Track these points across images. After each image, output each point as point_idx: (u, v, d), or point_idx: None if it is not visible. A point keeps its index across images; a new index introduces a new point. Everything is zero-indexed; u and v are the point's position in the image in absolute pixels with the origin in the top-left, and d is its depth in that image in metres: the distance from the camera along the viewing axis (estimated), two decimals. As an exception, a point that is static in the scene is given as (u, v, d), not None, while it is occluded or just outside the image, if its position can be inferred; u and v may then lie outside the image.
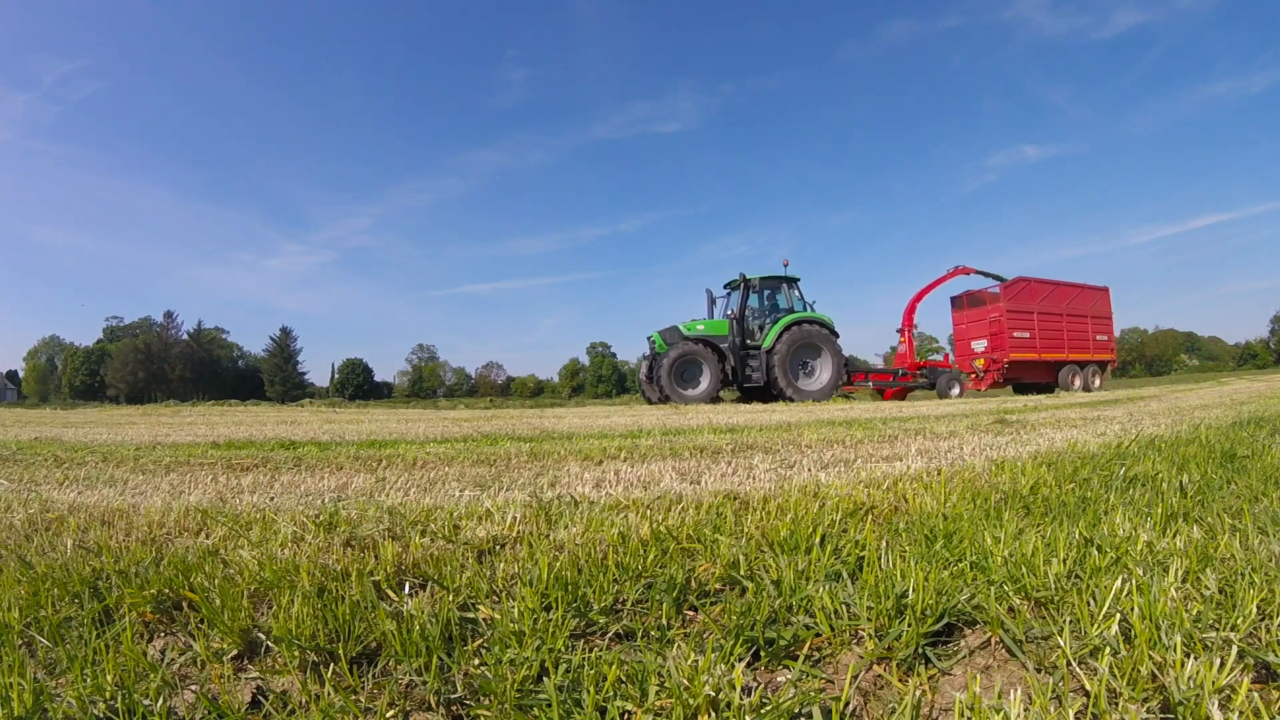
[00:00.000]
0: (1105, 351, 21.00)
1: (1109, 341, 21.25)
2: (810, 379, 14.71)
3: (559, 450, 3.87)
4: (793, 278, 15.39)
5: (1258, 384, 17.61)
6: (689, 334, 14.34)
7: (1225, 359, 76.42)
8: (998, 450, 3.55)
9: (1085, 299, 20.86)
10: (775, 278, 15.37)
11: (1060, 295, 20.15)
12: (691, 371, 14.25)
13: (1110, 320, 21.49)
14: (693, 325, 14.53)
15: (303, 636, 1.12)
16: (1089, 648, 1.03)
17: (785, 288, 15.34)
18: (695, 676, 0.94)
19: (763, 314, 15.18)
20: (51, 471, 3.31)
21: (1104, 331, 21.11)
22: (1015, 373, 19.27)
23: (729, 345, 14.43)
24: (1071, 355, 19.82)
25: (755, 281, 15.10)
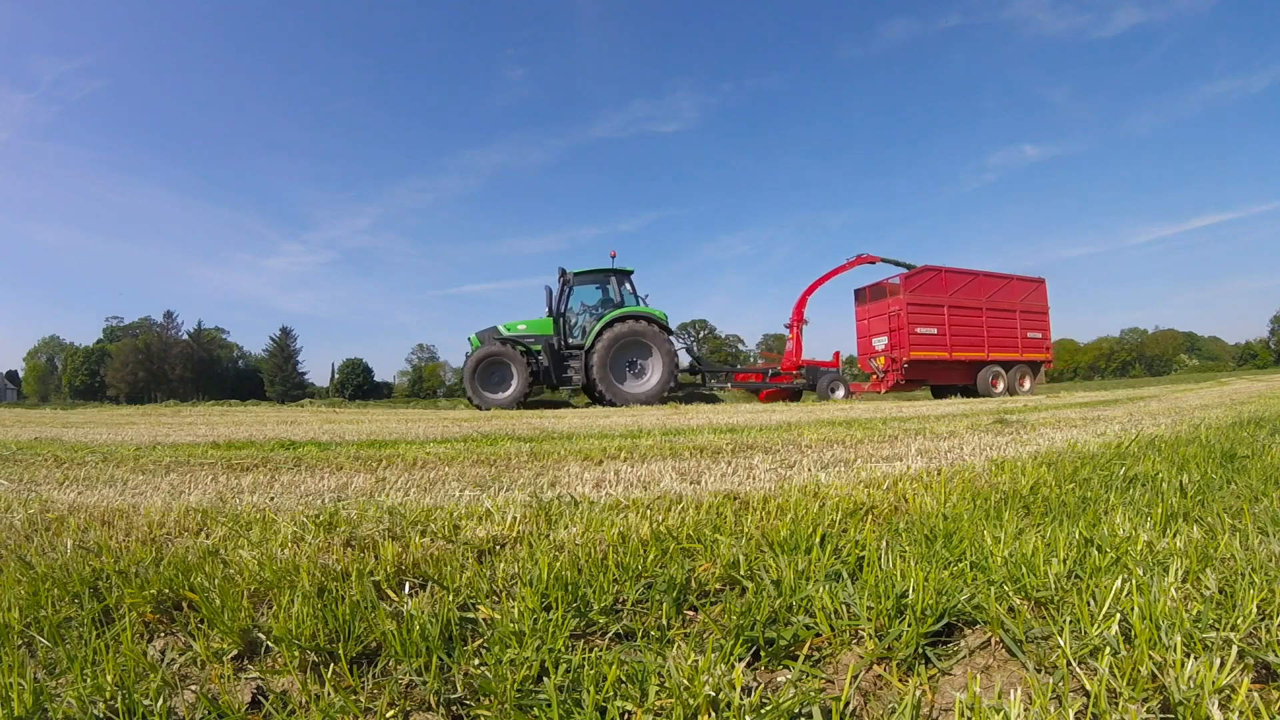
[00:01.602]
0: (1038, 351, 18.68)
1: (1043, 340, 18.82)
2: (640, 380, 13.48)
3: (559, 450, 3.87)
4: (623, 270, 14.14)
5: (1258, 384, 17.61)
6: (507, 334, 13.57)
7: (1225, 359, 76.44)
8: (998, 450, 3.55)
9: (1013, 292, 18.47)
10: (602, 271, 14.10)
11: (980, 287, 17.88)
12: (500, 374, 13.31)
13: (1045, 316, 19.02)
14: (513, 325, 13.71)
15: (303, 636, 1.12)
16: (1089, 648, 1.03)
17: (614, 282, 14.05)
18: (695, 676, 0.94)
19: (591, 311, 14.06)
20: (51, 471, 3.31)
21: (1037, 328, 18.69)
22: (918, 373, 17.18)
23: (545, 345, 13.43)
24: (994, 355, 17.64)
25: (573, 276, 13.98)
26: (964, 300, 17.54)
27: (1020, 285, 18.65)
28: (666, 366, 13.33)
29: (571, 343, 13.67)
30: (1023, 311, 18.36)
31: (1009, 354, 17.95)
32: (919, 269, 17.33)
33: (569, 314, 13.92)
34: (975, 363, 17.52)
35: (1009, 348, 17.98)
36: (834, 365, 17.10)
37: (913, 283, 17.14)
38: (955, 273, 17.63)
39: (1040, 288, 19.05)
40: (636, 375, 13.52)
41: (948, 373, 17.59)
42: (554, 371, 13.41)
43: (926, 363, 16.95)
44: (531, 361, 13.41)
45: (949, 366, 17.39)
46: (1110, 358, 78.25)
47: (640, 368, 13.55)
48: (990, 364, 17.63)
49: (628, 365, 13.46)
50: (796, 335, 17.51)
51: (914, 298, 16.89)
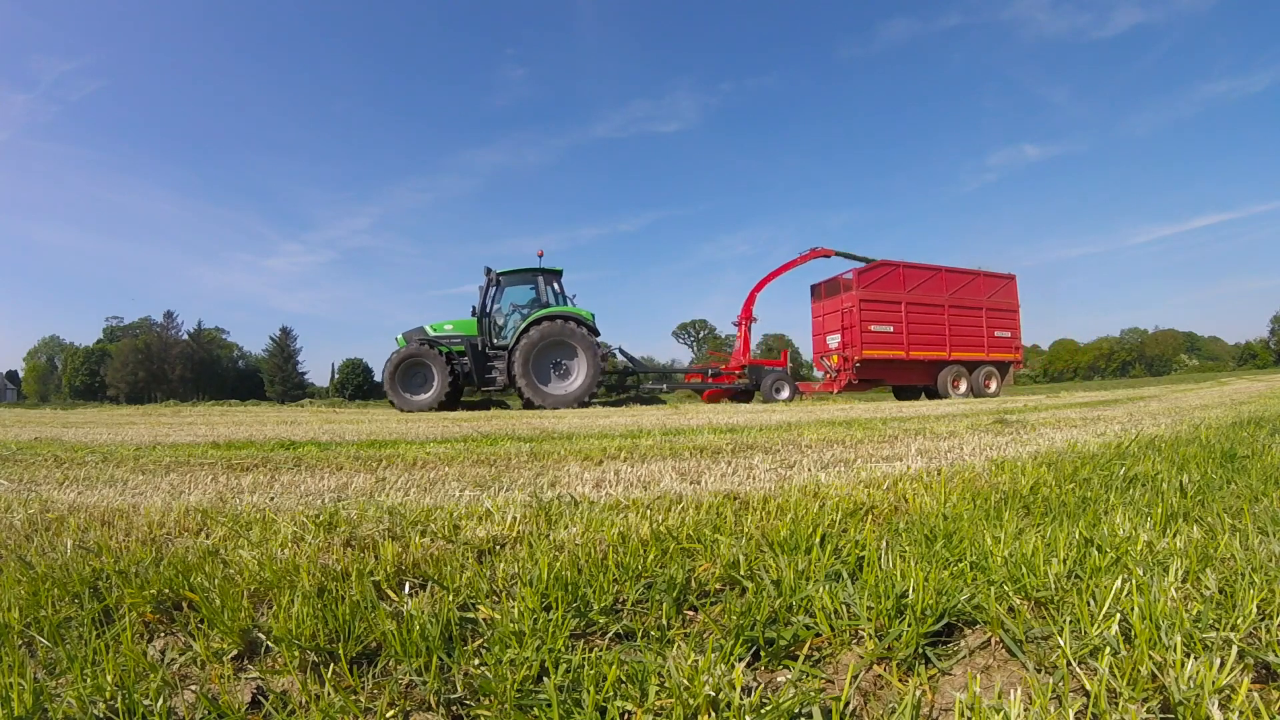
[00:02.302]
0: (1006, 350, 17.59)
1: (1013, 339, 17.78)
2: (565, 381, 13.18)
3: (559, 450, 3.87)
4: (552, 270, 13.93)
5: (1258, 384, 17.60)
6: (434, 334, 13.42)
7: (1225, 359, 76.43)
8: (998, 450, 3.55)
9: (979, 288, 17.43)
10: (528, 270, 13.86)
11: (941, 283, 16.92)
12: (422, 375, 13.17)
13: (1015, 314, 17.97)
14: (440, 325, 13.56)
15: (303, 636, 1.12)
16: (1089, 648, 1.03)
17: (541, 281, 13.80)
18: (695, 676, 0.94)
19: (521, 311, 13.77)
20: (51, 471, 3.31)
21: (1006, 326, 17.66)
22: (872, 373, 16.37)
23: (468, 345, 13.27)
24: (956, 354, 16.70)
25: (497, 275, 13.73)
26: (924, 297, 16.64)
27: (987, 281, 17.68)
28: (591, 367, 13.03)
29: (498, 343, 13.46)
30: (990, 309, 17.42)
31: (974, 354, 17.02)
32: (875, 264, 16.52)
33: (496, 314, 13.71)
34: (936, 362, 16.67)
35: (974, 347, 17.07)
36: (780, 364, 16.38)
37: (867, 278, 16.28)
38: (915, 268, 16.80)
39: (1010, 284, 18.05)
40: (561, 376, 13.24)
41: (905, 373, 16.79)
42: (476, 372, 13.21)
43: (881, 362, 16.18)
44: (455, 362, 13.24)
45: (906, 366, 16.57)
46: (1110, 358, 78.23)
47: (565, 368, 13.26)
48: (952, 364, 16.74)
49: (552, 366, 13.20)
50: (744, 333, 16.82)
51: (868, 294, 16.08)
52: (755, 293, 16.92)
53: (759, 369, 15.99)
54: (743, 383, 15.73)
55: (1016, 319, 17.99)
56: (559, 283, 13.96)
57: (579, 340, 13.04)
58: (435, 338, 13.40)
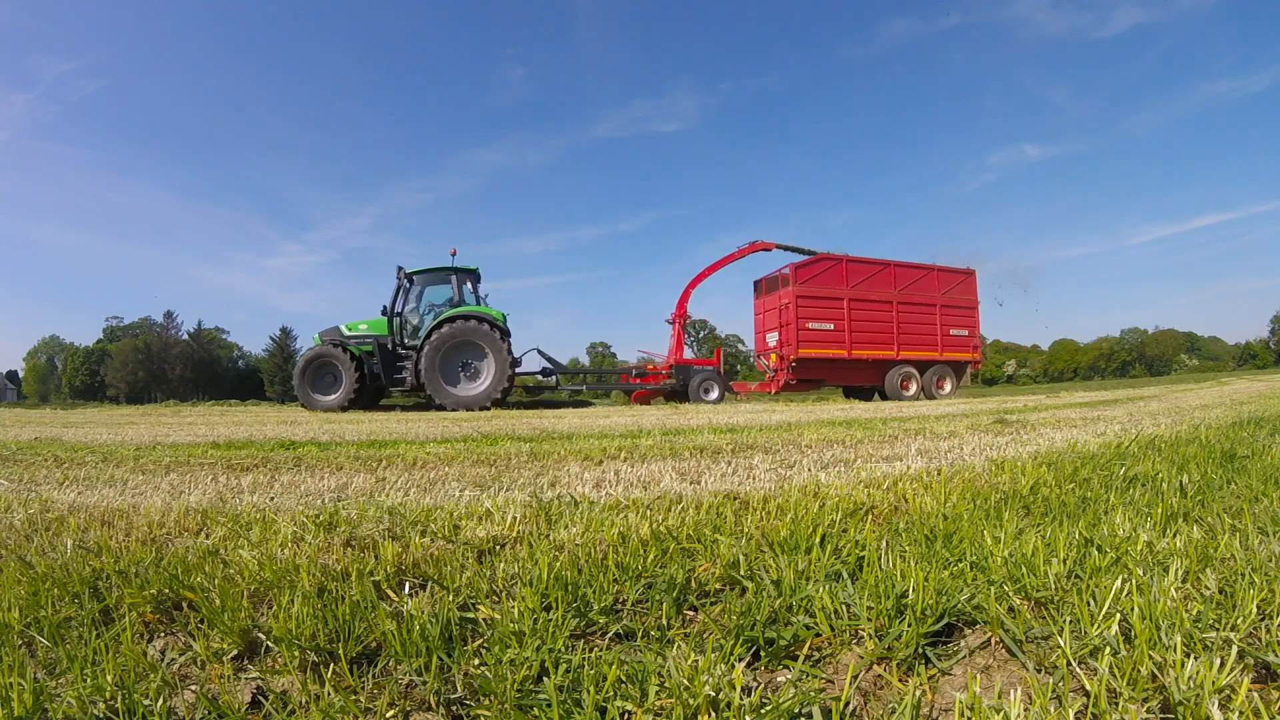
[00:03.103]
0: (963, 350, 16.66)
1: (970, 338, 16.80)
2: (473, 382, 12.95)
3: (559, 450, 3.87)
4: (465, 269, 13.74)
5: (1258, 384, 17.60)
6: (349, 334, 13.33)
7: (1225, 359, 76.44)
8: (998, 450, 3.55)
9: (931, 284, 16.44)
10: (442, 270, 13.68)
11: (890, 278, 16.05)
12: (331, 375, 13.01)
13: (974, 311, 16.95)
14: (355, 325, 13.45)
15: (303, 636, 1.12)
16: (1089, 648, 1.03)
17: (454, 280, 13.63)
18: (695, 676, 0.94)
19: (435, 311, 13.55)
20: (51, 471, 3.31)
21: (963, 325, 16.69)
22: (811, 373, 15.57)
23: (376, 345, 13.08)
24: (905, 354, 15.87)
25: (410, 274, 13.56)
26: (869, 293, 15.76)
27: (944, 277, 16.67)
28: (499, 369, 12.77)
29: (410, 343, 13.28)
30: (945, 306, 16.44)
31: (925, 353, 16.10)
32: (815, 257, 15.74)
33: (409, 314, 13.57)
34: (883, 362, 15.85)
35: (925, 346, 16.13)
36: (712, 364, 15.65)
37: (805, 273, 15.41)
38: (859, 262, 15.98)
39: (968, 280, 17.01)
40: (470, 377, 13.00)
41: (848, 373, 15.98)
42: (384, 372, 13.11)
43: (820, 361, 15.42)
44: (366, 362, 13.16)
45: (849, 366, 15.75)
46: (1110, 358, 78.23)
47: (474, 369, 13.00)
48: (901, 364, 15.89)
49: (461, 366, 12.97)
50: (677, 332, 16.08)
51: (806, 290, 15.22)
52: (690, 290, 16.28)
53: (687, 369, 15.30)
54: (669, 383, 15.14)
55: (975, 316, 17.05)
56: (473, 282, 13.84)
57: (487, 341, 12.78)
58: (350, 337, 13.37)
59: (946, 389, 16.45)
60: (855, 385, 16.50)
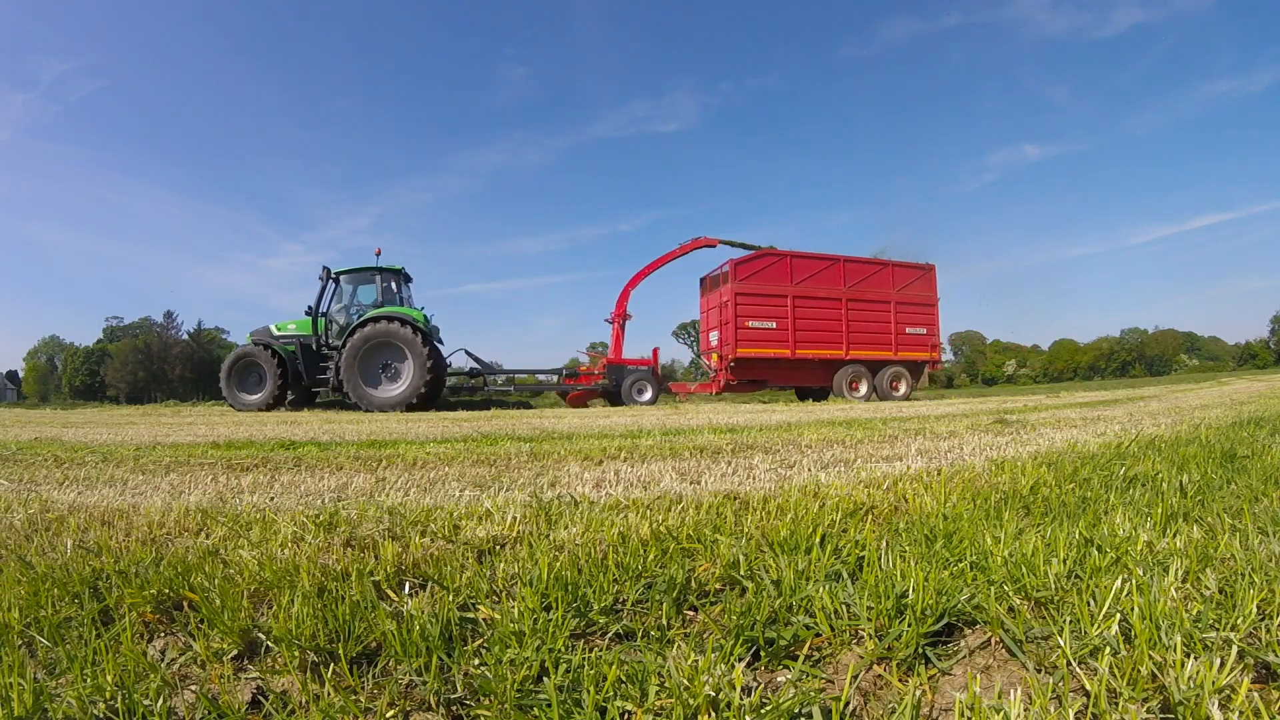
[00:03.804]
0: (920, 349, 15.83)
1: (929, 336, 15.95)
2: (393, 384, 12.85)
3: (559, 450, 3.87)
4: (390, 268, 13.66)
5: (1258, 384, 17.59)
6: (278, 333, 13.41)
7: (1225, 359, 76.40)
8: (998, 450, 3.55)
9: (886, 280, 15.65)
10: (367, 270, 13.57)
11: (838, 274, 15.30)
12: (256, 374, 13.20)
13: (933, 308, 16.12)
14: (284, 325, 13.49)
15: (303, 636, 1.12)
16: (1089, 648, 1.03)
17: (379, 280, 13.53)
18: (695, 676, 0.94)
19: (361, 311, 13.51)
20: (51, 471, 3.31)
21: (920, 323, 15.87)
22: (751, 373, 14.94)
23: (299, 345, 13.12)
24: (856, 353, 15.16)
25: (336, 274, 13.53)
26: (815, 290, 15.06)
27: (899, 273, 15.89)
28: (417, 370, 12.65)
29: (335, 344, 13.23)
30: (900, 303, 15.68)
31: (878, 352, 15.39)
32: (756, 253, 15.12)
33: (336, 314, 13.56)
34: (830, 362, 15.21)
35: (879, 345, 15.41)
36: (646, 364, 15.12)
37: (745, 270, 14.74)
38: (806, 258, 15.25)
39: (927, 276, 16.16)
40: (391, 378, 12.91)
41: (793, 373, 15.33)
42: (307, 372, 13.19)
43: (761, 361, 14.80)
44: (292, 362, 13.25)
45: (793, 366, 15.09)
46: (1110, 358, 78.21)
47: (394, 370, 12.90)
48: (850, 364, 15.23)
49: (381, 368, 12.89)
50: (617, 331, 15.50)
51: (745, 287, 14.59)
52: (629, 288, 15.67)
53: (621, 369, 14.79)
54: (602, 383, 14.75)
55: (934, 314, 16.18)
56: (398, 282, 13.79)
57: (406, 342, 12.66)
58: (278, 337, 13.46)
59: (901, 390, 15.64)
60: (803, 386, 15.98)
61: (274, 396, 13.07)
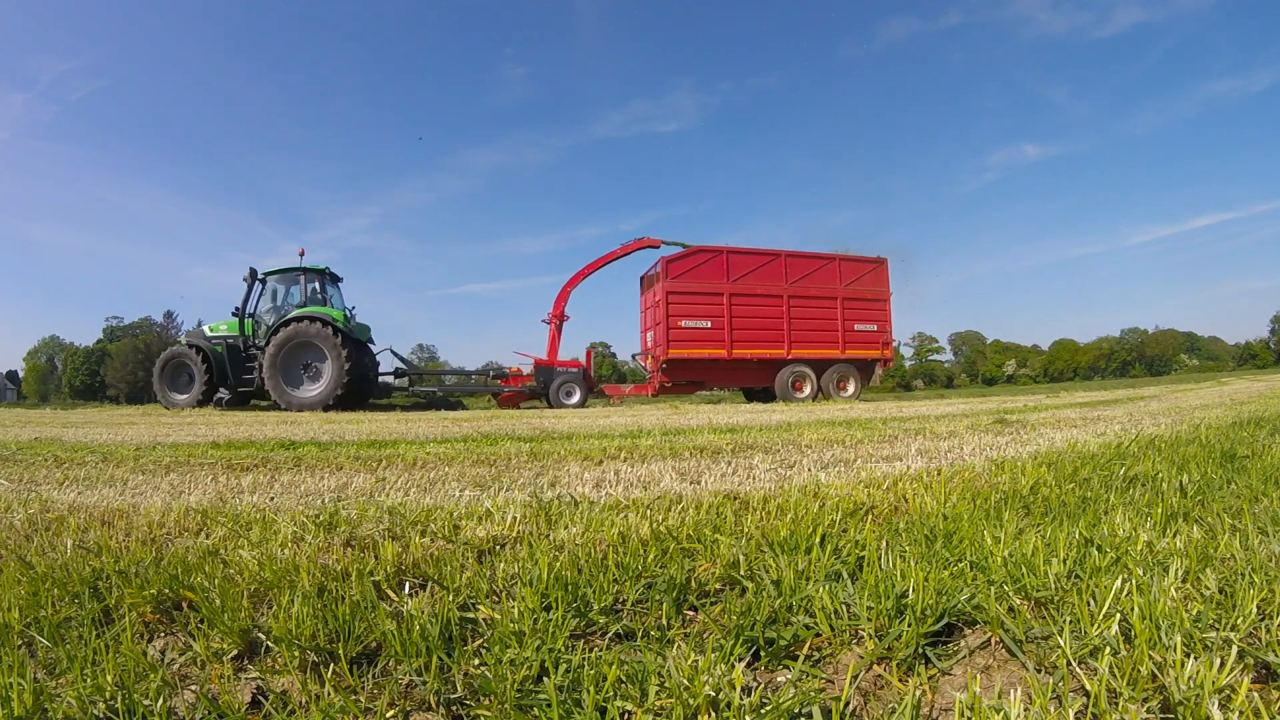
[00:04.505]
0: (870, 346, 15.13)
1: (879, 333, 15.23)
2: (314, 384, 12.99)
3: (559, 450, 3.87)
4: (314, 269, 13.80)
5: (1258, 384, 17.59)
6: (210, 334, 13.68)
7: (1225, 359, 76.38)
8: (998, 450, 3.55)
9: (832, 275, 14.98)
10: (291, 270, 13.75)
11: (779, 270, 14.69)
12: (186, 374, 13.52)
13: (885, 304, 15.41)
14: (216, 326, 13.76)
15: (303, 636, 1.12)
16: (1089, 648, 1.03)
17: (303, 281, 13.67)
18: (695, 676, 0.94)
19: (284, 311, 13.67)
20: (51, 471, 3.31)
21: (871, 319, 15.19)
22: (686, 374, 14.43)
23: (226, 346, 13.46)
24: (799, 352, 14.53)
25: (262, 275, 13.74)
26: (755, 287, 14.48)
27: (848, 267, 15.24)
28: (336, 370, 12.78)
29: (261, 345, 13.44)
30: (848, 299, 15.04)
31: (824, 351, 14.77)
32: (690, 250, 14.56)
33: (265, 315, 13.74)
34: (772, 362, 14.62)
35: (824, 343, 14.80)
36: (577, 366, 14.76)
37: (678, 267, 14.17)
38: (744, 253, 14.70)
39: (878, 270, 15.50)
40: (312, 378, 13.09)
41: (732, 374, 14.83)
42: (233, 372, 13.46)
43: (696, 362, 14.29)
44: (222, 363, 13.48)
45: (732, 367, 14.58)
46: (1110, 358, 78.19)
47: (315, 370, 13.06)
48: (792, 363, 14.63)
49: (303, 368, 13.09)
50: (553, 333, 15.06)
51: (678, 285, 14.05)
52: (568, 289, 15.23)
53: (550, 370, 14.42)
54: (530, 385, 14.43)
55: (886, 310, 15.48)
56: (322, 282, 13.90)
57: (324, 342, 12.81)
58: (211, 338, 13.71)
59: (850, 390, 15.03)
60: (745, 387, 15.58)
61: (201, 396, 13.35)
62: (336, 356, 12.79)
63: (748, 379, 15.06)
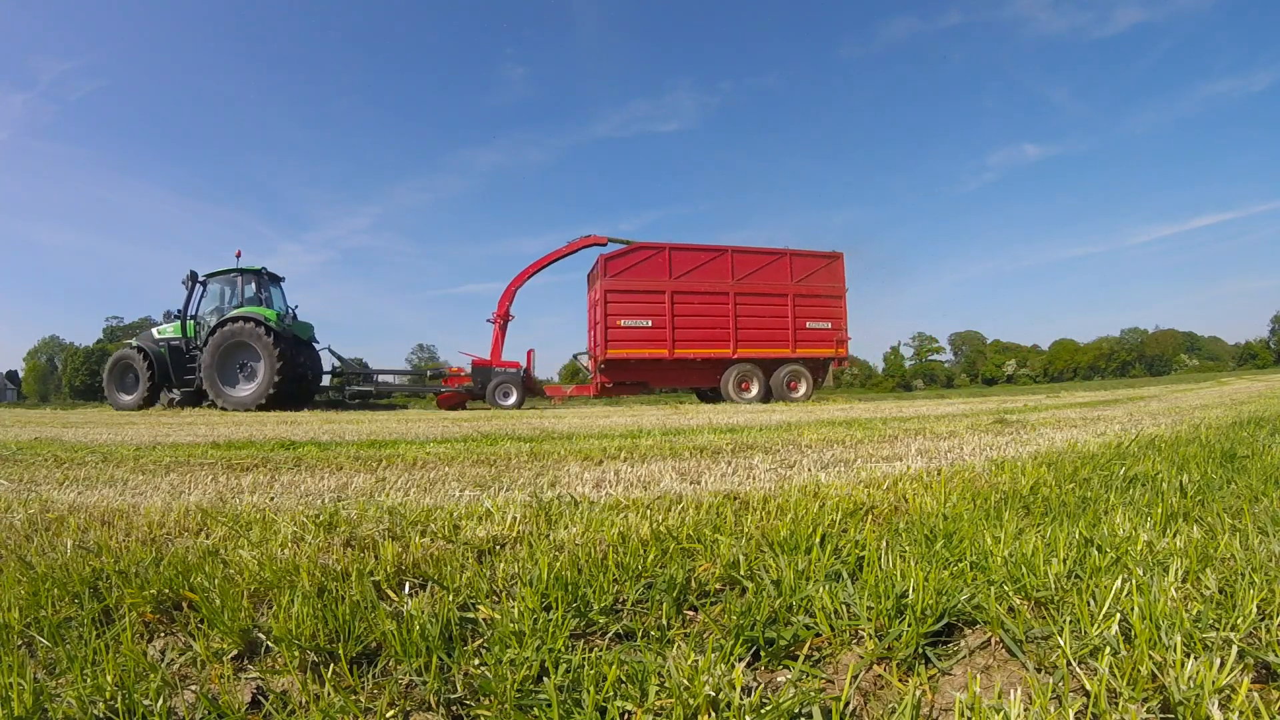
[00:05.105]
0: (824, 345, 14.54)
1: (834, 331, 14.67)
2: (250, 383, 13.24)
3: (559, 450, 3.87)
4: (250, 269, 14.09)
5: (1258, 384, 17.59)
6: (158, 336, 14.06)
7: (1225, 359, 76.38)
8: (998, 450, 3.55)
9: (782, 271, 14.43)
10: (229, 272, 14.05)
11: (724, 267, 14.20)
12: (133, 376, 13.93)
13: (840, 300, 14.82)
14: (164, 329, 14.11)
15: (303, 636, 1.12)
16: (1089, 648, 1.03)
17: (240, 282, 13.96)
18: (695, 676, 0.94)
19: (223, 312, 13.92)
20: (51, 471, 3.31)
21: (824, 316, 14.62)
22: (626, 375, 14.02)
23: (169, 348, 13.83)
24: (745, 351, 14.06)
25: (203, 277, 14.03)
26: (698, 284, 13.99)
27: (799, 262, 14.66)
28: (268, 369, 13.02)
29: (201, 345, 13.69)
30: (800, 295, 14.47)
31: (774, 350, 14.27)
32: (631, 247, 14.08)
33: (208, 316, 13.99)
34: (717, 361, 14.13)
35: (773, 342, 14.28)
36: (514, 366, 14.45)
37: (618, 264, 13.73)
38: (688, 250, 14.19)
39: (832, 265, 14.90)
40: (248, 378, 13.34)
41: (675, 374, 14.40)
42: (175, 374, 13.81)
43: (637, 362, 13.85)
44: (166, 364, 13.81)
45: (675, 367, 14.11)
46: (1110, 358, 78.18)
47: (251, 370, 13.32)
48: (738, 363, 14.14)
49: (239, 368, 13.37)
50: (497, 333, 14.72)
51: (618, 283, 13.60)
52: (513, 288, 14.92)
53: (488, 370, 14.13)
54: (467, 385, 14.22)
55: (840, 306, 14.86)
56: (258, 283, 14.13)
57: (257, 341, 13.05)
58: (158, 340, 14.07)
59: (801, 390, 14.47)
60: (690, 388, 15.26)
61: (145, 397, 13.74)
62: (269, 356, 13.03)
63: (692, 379, 14.70)
